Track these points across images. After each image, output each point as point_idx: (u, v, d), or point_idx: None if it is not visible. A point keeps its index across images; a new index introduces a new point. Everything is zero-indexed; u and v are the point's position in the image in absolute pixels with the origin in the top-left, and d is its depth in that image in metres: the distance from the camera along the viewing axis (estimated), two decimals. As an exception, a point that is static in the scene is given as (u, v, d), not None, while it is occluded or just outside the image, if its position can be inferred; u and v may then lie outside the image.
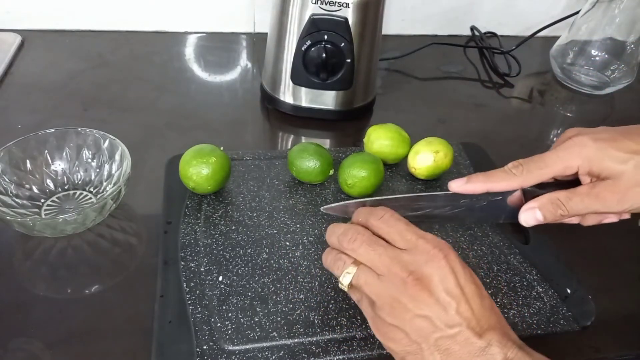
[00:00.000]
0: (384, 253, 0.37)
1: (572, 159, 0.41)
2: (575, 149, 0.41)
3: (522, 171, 0.42)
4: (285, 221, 0.56)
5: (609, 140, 0.40)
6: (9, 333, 0.44)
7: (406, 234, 0.38)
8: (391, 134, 0.62)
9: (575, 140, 0.41)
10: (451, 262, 0.36)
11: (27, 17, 0.86)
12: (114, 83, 0.78)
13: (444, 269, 0.35)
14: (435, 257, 0.36)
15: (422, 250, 0.36)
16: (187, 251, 0.51)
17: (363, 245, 0.38)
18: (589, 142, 0.41)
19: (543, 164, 0.41)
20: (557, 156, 0.41)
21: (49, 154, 0.57)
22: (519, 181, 0.41)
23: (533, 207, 0.41)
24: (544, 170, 0.41)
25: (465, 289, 0.35)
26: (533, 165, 0.42)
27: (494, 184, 0.42)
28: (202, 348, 0.43)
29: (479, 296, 0.36)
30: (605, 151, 0.40)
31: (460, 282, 0.35)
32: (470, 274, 0.36)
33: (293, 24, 0.66)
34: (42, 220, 0.52)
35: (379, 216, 0.39)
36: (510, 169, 0.42)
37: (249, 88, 0.80)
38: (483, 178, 0.42)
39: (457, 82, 0.90)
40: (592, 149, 0.40)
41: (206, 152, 0.55)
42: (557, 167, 0.41)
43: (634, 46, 0.83)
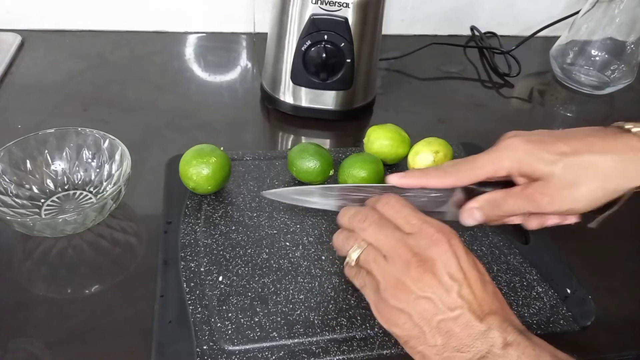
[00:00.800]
0: (390, 235, 0.38)
1: (502, 161, 0.41)
2: (506, 151, 0.42)
3: (455, 170, 0.42)
4: (285, 221, 0.56)
5: (540, 142, 0.41)
6: (9, 333, 0.44)
7: (411, 218, 0.39)
8: (391, 134, 0.62)
9: (507, 142, 0.42)
10: (454, 247, 0.37)
11: (27, 17, 0.86)
12: (114, 83, 0.78)
13: (447, 253, 0.36)
14: (439, 241, 0.37)
15: (426, 234, 0.37)
16: (187, 251, 0.51)
17: (372, 226, 0.39)
18: (520, 144, 0.41)
19: (475, 165, 0.42)
20: (488, 158, 0.42)
21: (49, 154, 0.57)
22: (451, 180, 0.42)
23: (472, 207, 0.43)
24: (475, 172, 0.42)
25: (467, 274, 0.36)
26: (466, 165, 0.42)
27: (429, 181, 0.43)
28: (202, 348, 0.43)
29: (482, 281, 0.36)
30: (534, 153, 0.40)
31: (463, 266, 0.36)
32: (473, 260, 0.37)
33: (293, 24, 0.66)
34: (42, 220, 0.52)
35: (386, 202, 0.40)
36: (445, 168, 0.43)
37: (249, 88, 0.80)
38: (419, 174, 0.43)
39: (457, 82, 0.90)
40: (522, 151, 0.41)
41: (206, 152, 0.55)
42: (488, 168, 0.42)
43: (634, 46, 0.83)
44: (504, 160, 0.41)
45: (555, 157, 0.40)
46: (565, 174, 0.40)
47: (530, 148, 0.41)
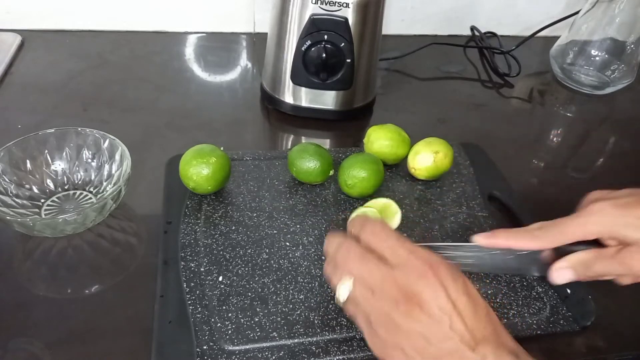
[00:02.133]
0: (375, 269, 0.37)
1: (591, 227, 0.41)
2: (595, 217, 0.41)
3: (544, 234, 0.42)
4: (285, 221, 0.56)
5: (629, 207, 0.41)
6: (9, 333, 0.44)
7: (397, 249, 0.37)
8: (391, 134, 0.62)
9: (595, 207, 0.42)
10: (441, 278, 0.36)
11: (27, 17, 0.86)
12: (114, 83, 0.78)
13: (434, 285, 0.35)
14: (426, 274, 0.36)
15: (412, 266, 0.36)
16: (187, 251, 0.51)
17: (356, 260, 0.38)
18: (609, 209, 0.41)
19: (564, 228, 0.42)
20: (577, 222, 0.42)
21: (49, 154, 0.57)
22: (539, 243, 0.42)
23: (563, 267, 0.42)
24: (564, 236, 0.42)
25: (457, 303, 0.35)
26: (554, 229, 0.42)
27: (516, 242, 0.43)
28: (202, 348, 0.43)
29: (472, 307, 0.35)
30: (624, 218, 0.40)
31: (451, 296, 0.35)
32: (462, 285, 0.36)
33: (293, 24, 0.66)
34: (42, 220, 0.52)
35: (371, 230, 0.39)
36: (533, 231, 0.43)
37: (249, 88, 0.80)
38: (506, 235, 0.43)
39: (457, 82, 0.90)
40: (612, 216, 0.41)
41: (206, 152, 0.55)
42: (577, 233, 0.42)
43: (634, 46, 0.83)
44: (593, 225, 0.41)
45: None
46: None
47: (620, 213, 0.40)
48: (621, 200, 0.41)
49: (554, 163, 0.73)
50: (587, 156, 0.75)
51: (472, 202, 0.61)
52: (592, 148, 0.77)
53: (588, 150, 0.77)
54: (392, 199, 0.58)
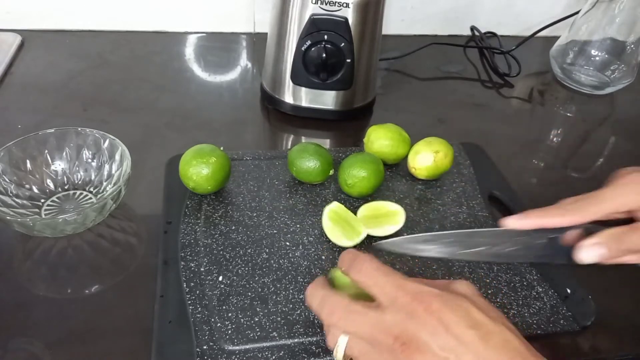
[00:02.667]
0: (364, 321, 0.34)
1: (629, 195, 0.40)
2: (632, 186, 0.40)
3: (578, 207, 0.40)
4: (285, 221, 0.56)
5: None
6: (9, 333, 0.44)
7: (385, 286, 0.35)
8: (391, 134, 0.62)
9: (631, 177, 0.41)
10: (437, 313, 0.33)
11: (27, 17, 0.86)
12: (114, 83, 0.78)
13: (430, 323, 0.32)
14: (416, 312, 0.33)
15: (401, 305, 0.34)
16: (187, 251, 0.51)
17: (342, 318, 0.35)
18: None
19: (600, 199, 0.40)
20: (614, 192, 0.41)
21: (49, 154, 0.57)
22: (575, 217, 0.40)
23: (596, 242, 0.40)
24: (600, 206, 0.40)
25: (463, 337, 0.32)
26: (590, 200, 0.41)
27: (549, 220, 0.41)
28: (202, 348, 0.43)
29: (483, 339, 0.32)
30: None
31: (453, 331, 0.32)
32: (465, 315, 0.33)
33: (293, 24, 0.66)
34: (42, 220, 0.52)
35: (358, 269, 0.37)
36: (566, 205, 0.41)
37: (249, 88, 0.80)
38: (538, 213, 0.41)
39: (457, 82, 0.90)
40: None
41: (206, 152, 0.55)
42: (615, 203, 0.40)
43: (634, 46, 0.83)
44: (630, 194, 0.40)
45: None
46: None
47: None
48: None
49: (554, 163, 0.73)
50: (587, 156, 0.75)
51: (472, 202, 0.61)
52: (592, 148, 0.77)
53: (588, 150, 0.77)
54: (392, 201, 0.58)
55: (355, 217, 0.55)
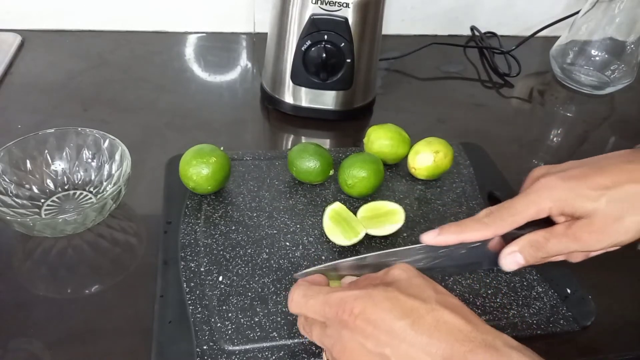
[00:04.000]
0: (316, 336, 0.37)
1: (542, 202, 0.39)
2: (545, 191, 0.39)
3: (494, 220, 0.40)
4: (285, 221, 0.56)
5: (578, 178, 0.39)
6: (9, 333, 0.44)
7: (314, 307, 0.36)
8: (391, 134, 0.62)
9: (543, 181, 0.40)
10: (361, 315, 0.33)
11: (27, 17, 0.86)
12: (114, 83, 0.78)
13: (358, 326, 0.33)
14: (344, 320, 0.34)
15: (332, 320, 0.35)
16: (187, 251, 0.51)
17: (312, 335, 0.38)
18: (558, 183, 0.39)
19: (514, 210, 0.40)
20: (527, 200, 0.40)
21: (49, 154, 0.57)
22: (492, 230, 0.40)
23: (514, 250, 0.40)
24: (516, 217, 0.39)
25: (393, 330, 0.32)
26: (505, 212, 0.40)
27: (467, 235, 0.40)
28: (202, 348, 0.43)
29: (413, 326, 0.32)
30: (575, 190, 0.38)
31: (382, 327, 0.33)
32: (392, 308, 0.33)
33: (293, 24, 0.66)
34: (42, 220, 0.52)
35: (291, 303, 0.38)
36: (482, 218, 0.40)
37: (249, 88, 0.80)
38: (455, 229, 0.40)
39: (457, 82, 0.90)
40: (562, 189, 0.39)
41: (206, 152, 0.55)
42: (529, 212, 0.39)
43: (634, 46, 0.83)
44: (543, 201, 0.39)
45: (598, 193, 0.38)
46: (610, 209, 0.38)
47: (570, 186, 0.39)
48: (569, 172, 0.40)
49: (554, 163, 0.72)
50: (587, 156, 0.75)
51: (472, 202, 0.61)
52: (592, 148, 0.77)
53: (588, 150, 0.77)
54: (392, 201, 0.58)
55: (356, 218, 0.55)
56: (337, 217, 0.54)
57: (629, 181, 0.38)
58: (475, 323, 0.33)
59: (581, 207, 0.38)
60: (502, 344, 0.32)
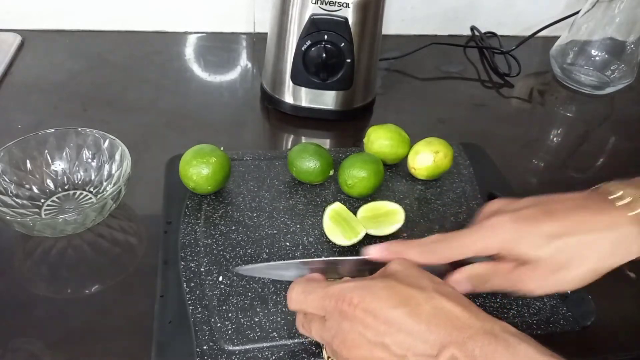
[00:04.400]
0: (315, 332, 0.37)
1: (490, 242, 0.39)
2: (494, 231, 0.39)
3: (439, 248, 0.40)
4: (285, 221, 0.56)
5: (528, 221, 0.38)
6: (9, 333, 0.44)
7: (313, 302, 0.36)
8: (391, 134, 0.62)
9: (494, 220, 0.39)
10: (360, 305, 0.34)
11: (27, 17, 0.86)
12: (114, 83, 0.78)
13: (357, 316, 0.34)
14: (343, 311, 0.34)
15: (331, 311, 0.35)
16: (187, 251, 0.51)
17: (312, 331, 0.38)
18: (508, 224, 0.38)
19: (461, 243, 0.40)
20: (477, 237, 0.40)
21: (49, 154, 0.57)
22: (434, 258, 0.40)
23: (460, 279, 0.40)
24: (462, 250, 0.39)
25: (391, 319, 0.33)
26: (451, 243, 0.40)
27: (411, 256, 0.40)
28: (202, 348, 0.43)
29: (411, 314, 0.33)
30: (522, 235, 0.38)
31: (380, 316, 0.33)
32: (389, 297, 0.34)
33: (293, 24, 0.66)
34: (42, 220, 0.52)
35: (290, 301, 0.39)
36: (429, 244, 0.40)
37: (249, 88, 0.80)
38: (401, 248, 0.40)
39: (457, 82, 0.90)
40: (510, 231, 0.38)
41: (206, 152, 0.55)
42: (476, 247, 0.39)
43: (634, 46, 0.83)
44: (491, 241, 0.39)
45: (544, 241, 0.37)
46: (555, 258, 0.37)
47: (518, 229, 0.38)
48: (522, 213, 0.39)
49: (554, 163, 0.73)
50: (587, 156, 0.75)
51: (472, 202, 0.61)
52: (592, 148, 0.77)
53: (588, 150, 0.77)
54: (392, 201, 0.58)
55: (356, 218, 0.55)
56: (337, 217, 0.54)
57: (577, 231, 0.37)
58: (473, 311, 0.34)
59: (526, 254, 0.38)
60: (500, 329, 0.33)
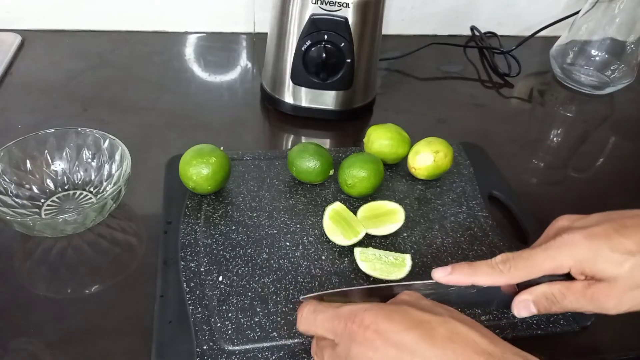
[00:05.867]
0: (327, 357, 0.36)
1: (563, 259, 0.38)
2: (566, 248, 0.38)
3: (509, 268, 0.38)
4: (285, 221, 0.56)
5: (603, 238, 0.37)
6: (9, 333, 0.44)
7: (324, 323, 0.35)
8: (391, 134, 0.62)
9: (565, 238, 0.38)
10: (372, 326, 0.32)
11: (27, 17, 0.86)
12: (114, 83, 0.78)
13: (368, 338, 0.32)
14: (354, 333, 0.33)
15: (341, 333, 0.34)
16: (187, 251, 0.51)
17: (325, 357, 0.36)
18: (581, 241, 0.37)
19: (532, 262, 0.38)
20: (546, 255, 0.38)
21: (49, 154, 0.57)
22: (505, 279, 0.38)
23: (527, 299, 0.39)
24: (532, 269, 0.38)
25: (403, 341, 0.31)
26: (522, 263, 0.38)
27: (479, 278, 0.39)
28: (202, 348, 0.43)
29: (425, 336, 0.31)
30: (598, 252, 0.37)
31: (393, 339, 0.32)
32: (402, 320, 0.32)
33: (293, 24, 0.66)
34: (42, 220, 0.52)
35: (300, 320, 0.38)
36: (498, 264, 0.39)
37: (249, 88, 0.80)
38: (468, 271, 0.39)
39: (457, 82, 0.90)
40: (584, 248, 0.37)
41: (206, 152, 0.55)
42: (547, 266, 0.38)
43: (634, 46, 0.83)
44: (564, 258, 0.38)
45: (622, 258, 0.36)
46: (633, 275, 0.36)
47: (593, 246, 0.37)
48: (594, 230, 0.38)
49: (554, 163, 0.73)
50: (587, 156, 0.75)
51: (472, 202, 0.61)
52: (592, 148, 0.77)
53: (588, 150, 0.77)
54: (392, 201, 0.58)
55: (356, 218, 0.55)
56: (337, 217, 0.54)
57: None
58: (492, 338, 0.33)
59: (603, 271, 0.37)
60: (520, 358, 0.32)
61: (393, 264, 0.50)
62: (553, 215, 0.43)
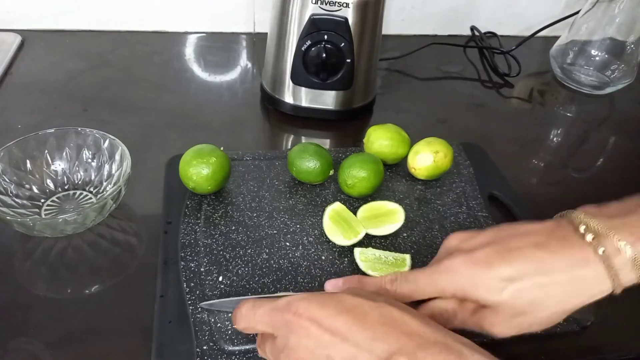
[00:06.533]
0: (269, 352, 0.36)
1: (445, 286, 0.38)
2: (447, 275, 0.37)
3: (394, 288, 0.39)
4: (285, 221, 0.56)
5: (483, 265, 0.36)
6: (9, 333, 0.44)
7: (262, 318, 0.35)
8: (391, 134, 0.62)
9: (447, 264, 0.38)
10: (305, 313, 0.33)
11: (27, 17, 0.86)
12: (114, 83, 0.78)
13: (302, 326, 0.32)
14: (290, 322, 0.33)
15: (279, 325, 0.34)
16: (187, 251, 0.51)
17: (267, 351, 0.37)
18: (461, 268, 0.37)
19: (415, 285, 0.38)
20: (430, 280, 0.38)
21: (49, 154, 0.57)
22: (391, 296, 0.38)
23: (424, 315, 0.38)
24: (416, 293, 0.38)
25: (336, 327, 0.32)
26: (406, 285, 0.39)
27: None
28: (202, 348, 0.43)
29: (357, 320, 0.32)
30: (478, 279, 0.36)
31: (326, 324, 0.32)
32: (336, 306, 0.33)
33: (293, 24, 0.66)
34: (42, 220, 0.52)
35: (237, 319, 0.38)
36: (385, 284, 0.39)
37: (249, 88, 0.80)
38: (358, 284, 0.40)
39: (457, 82, 0.90)
40: (465, 276, 0.36)
41: (206, 152, 0.55)
42: (430, 290, 0.38)
43: (634, 46, 0.83)
44: (446, 285, 0.37)
45: (501, 285, 0.35)
46: (513, 303, 0.35)
47: (473, 274, 0.36)
48: (475, 255, 0.37)
49: (554, 163, 0.73)
50: (587, 156, 0.76)
51: (472, 202, 0.61)
52: (592, 148, 0.77)
53: (588, 150, 0.77)
54: (392, 201, 0.58)
55: (355, 218, 0.55)
56: (337, 217, 0.54)
57: (536, 272, 0.35)
58: (426, 321, 0.33)
59: (484, 299, 0.36)
60: (453, 340, 0.32)
61: (393, 264, 0.51)
62: (553, 216, 0.43)
